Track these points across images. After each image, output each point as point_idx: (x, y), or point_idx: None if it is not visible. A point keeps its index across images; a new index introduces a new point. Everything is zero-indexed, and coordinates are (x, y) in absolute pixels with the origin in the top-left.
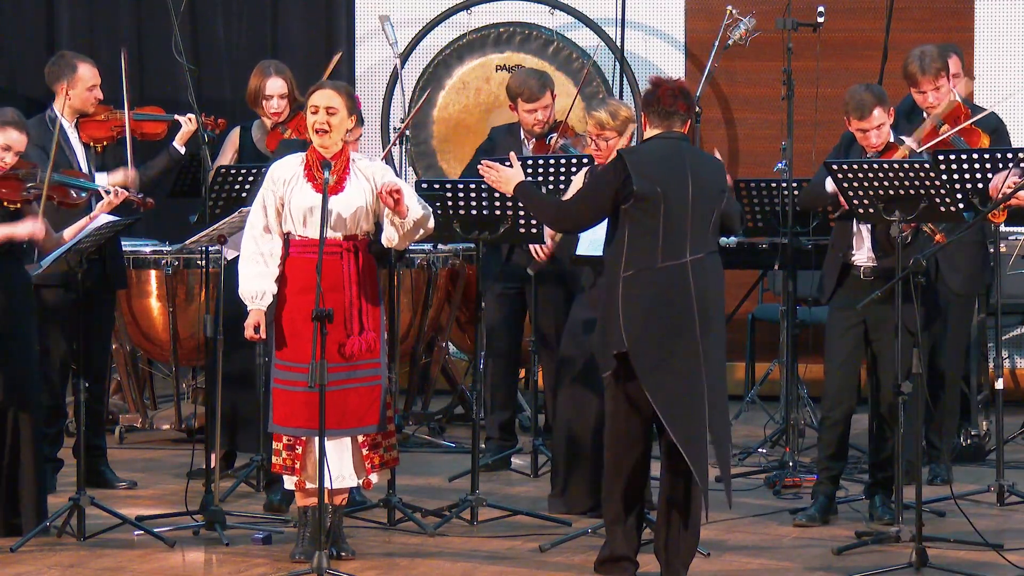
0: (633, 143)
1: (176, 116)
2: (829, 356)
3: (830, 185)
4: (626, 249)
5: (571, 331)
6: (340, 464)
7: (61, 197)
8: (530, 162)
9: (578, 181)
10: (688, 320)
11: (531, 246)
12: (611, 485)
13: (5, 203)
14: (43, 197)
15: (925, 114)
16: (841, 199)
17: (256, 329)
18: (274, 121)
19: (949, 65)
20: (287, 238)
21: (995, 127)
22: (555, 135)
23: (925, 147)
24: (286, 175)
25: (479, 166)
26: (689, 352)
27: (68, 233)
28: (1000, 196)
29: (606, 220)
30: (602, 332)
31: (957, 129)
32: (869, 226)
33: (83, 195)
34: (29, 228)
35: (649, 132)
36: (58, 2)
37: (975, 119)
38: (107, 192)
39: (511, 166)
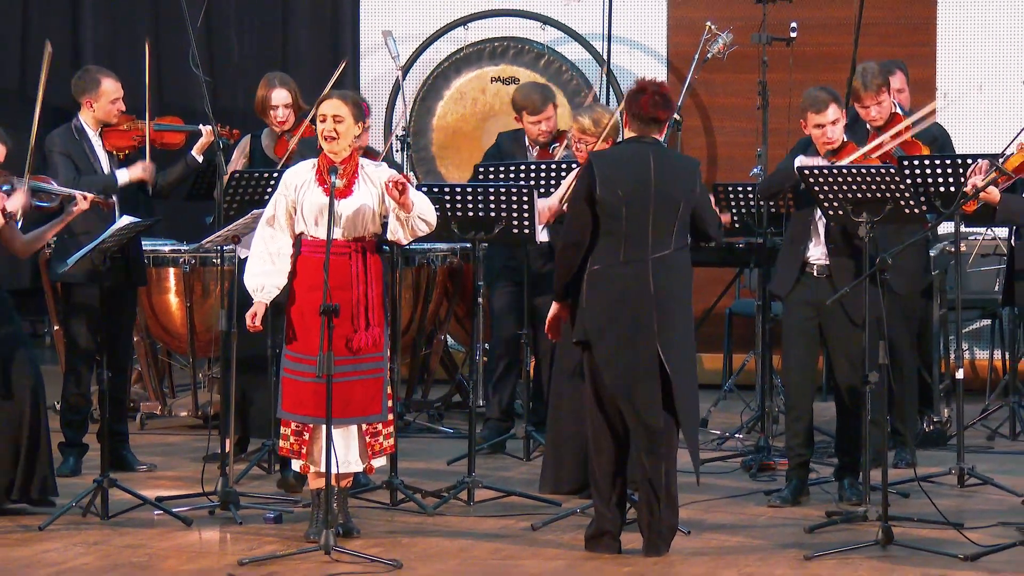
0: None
1: (199, 126)
2: (787, 351)
3: (799, 161)
4: (596, 247)
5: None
6: (348, 450)
7: (34, 201)
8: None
9: (565, 184)
10: (646, 316)
11: None
12: (593, 461)
13: None
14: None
15: (868, 126)
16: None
17: (255, 319)
18: (281, 129)
19: (892, 81)
20: (300, 238)
21: (935, 137)
22: (557, 144)
23: (875, 155)
24: (298, 180)
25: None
26: (646, 345)
27: (35, 234)
28: (970, 189)
29: None
30: (571, 318)
31: (897, 141)
32: (824, 225)
33: (56, 200)
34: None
35: (628, 133)
36: (82, 18)
37: (916, 130)
38: (73, 198)
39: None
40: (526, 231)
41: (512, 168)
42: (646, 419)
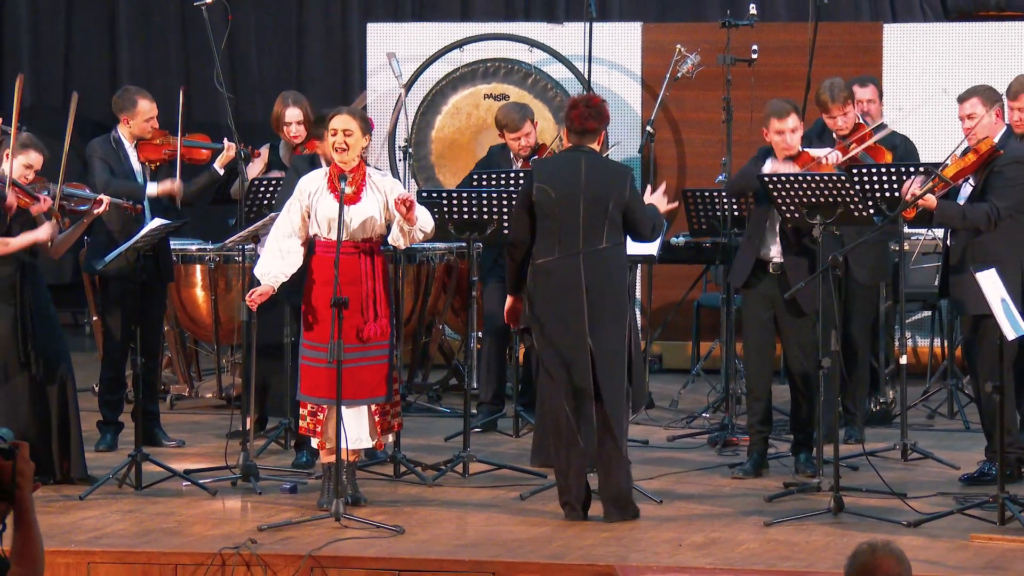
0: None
1: (223, 142)
2: (747, 340)
3: (766, 168)
4: (536, 242)
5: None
6: (359, 428)
7: (71, 205)
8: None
9: None
10: (578, 304)
11: None
12: (549, 438)
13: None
14: (56, 201)
15: (835, 135)
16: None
17: (254, 295)
18: (294, 143)
19: (864, 92)
20: (314, 239)
21: (895, 144)
22: (536, 157)
23: (843, 159)
24: (312, 188)
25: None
26: (578, 330)
27: (63, 237)
28: (909, 197)
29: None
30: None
31: (863, 146)
32: (779, 225)
33: (89, 203)
34: (47, 231)
35: (566, 143)
36: (120, 41)
37: (877, 138)
38: (100, 201)
39: None
40: None
41: (502, 176)
42: (584, 395)
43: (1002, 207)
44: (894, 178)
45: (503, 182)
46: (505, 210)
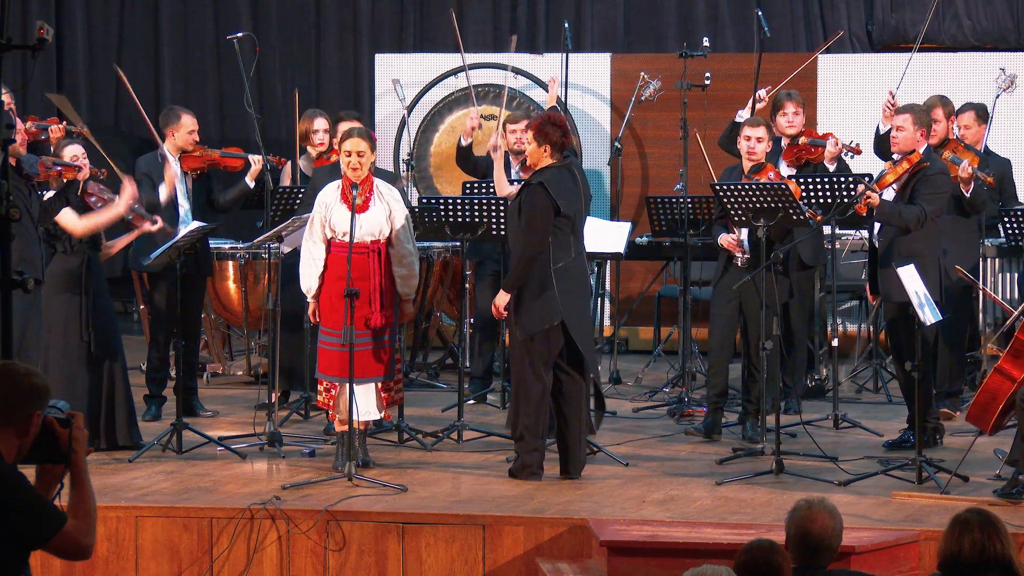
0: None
1: (249, 156)
2: (713, 324)
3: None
4: (552, 250)
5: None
6: (367, 402)
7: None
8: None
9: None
10: (590, 292)
11: None
12: (533, 415)
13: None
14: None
15: (783, 142)
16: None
17: (314, 315)
18: (319, 151)
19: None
20: (330, 241)
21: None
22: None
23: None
24: (328, 200)
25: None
26: (589, 319)
27: (118, 239)
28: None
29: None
30: (534, 308)
31: (809, 140)
32: (746, 230)
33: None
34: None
35: (547, 160)
36: (163, 70)
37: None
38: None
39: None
40: (502, 232)
41: (491, 185)
42: (591, 369)
43: (930, 211)
44: (826, 187)
45: (491, 190)
46: (493, 214)
